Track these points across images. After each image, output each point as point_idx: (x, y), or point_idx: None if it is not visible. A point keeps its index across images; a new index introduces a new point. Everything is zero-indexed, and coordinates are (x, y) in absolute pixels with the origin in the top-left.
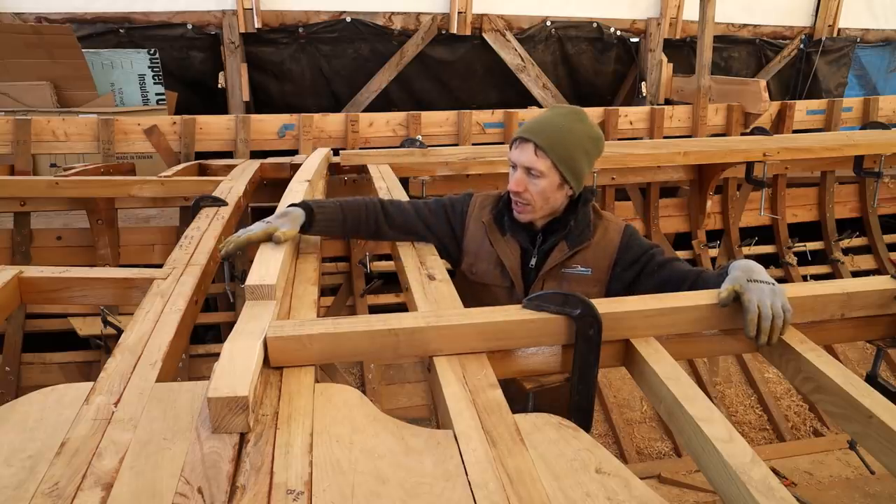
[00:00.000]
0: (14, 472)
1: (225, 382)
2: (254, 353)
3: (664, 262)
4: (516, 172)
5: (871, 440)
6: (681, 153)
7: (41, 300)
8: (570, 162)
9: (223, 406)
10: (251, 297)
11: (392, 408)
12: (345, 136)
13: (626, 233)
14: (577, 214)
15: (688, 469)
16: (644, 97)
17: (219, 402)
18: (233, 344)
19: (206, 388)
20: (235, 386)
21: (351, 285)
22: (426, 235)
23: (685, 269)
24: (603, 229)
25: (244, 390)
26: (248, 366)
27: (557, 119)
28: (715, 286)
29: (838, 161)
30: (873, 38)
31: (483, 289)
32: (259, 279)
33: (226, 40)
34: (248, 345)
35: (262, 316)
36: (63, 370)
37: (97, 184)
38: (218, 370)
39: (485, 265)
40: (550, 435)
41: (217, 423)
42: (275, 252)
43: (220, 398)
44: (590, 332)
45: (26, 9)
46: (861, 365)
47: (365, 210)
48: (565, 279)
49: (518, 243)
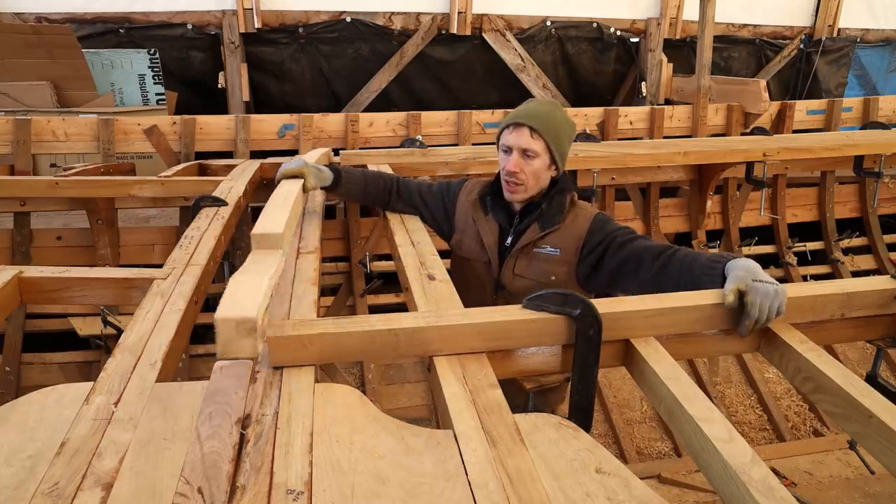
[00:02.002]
0: (14, 472)
1: (231, 306)
2: (261, 285)
3: (626, 241)
4: (512, 155)
5: (871, 440)
6: (681, 153)
7: (41, 300)
8: (559, 142)
9: (231, 328)
10: (257, 246)
11: (392, 408)
12: (345, 136)
13: (595, 219)
14: (551, 199)
15: (688, 469)
16: (644, 97)
17: (227, 322)
18: (238, 277)
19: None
20: (243, 308)
21: (351, 285)
22: (423, 211)
23: (650, 245)
24: (574, 215)
25: (252, 312)
26: (256, 294)
27: (541, 107)
28: (701, 275)
29: (838, 161)
30: (873, 38)
31: (466, 263)
32: (265, 228)
33: (226, 40)
34: (254, 279)
35: (268, 261)
36: (63, 370)
37: (97, 184)
38: (224, 299)
39: (469, 241)
40: (550, 435)
41: (224, 348)
42: (283, 204)
43: (227, 318)
44: (590, 332)
45: (26, 9)
46: (861, 365)
47: (383, 182)
48: (535, 258)
49: (497, 223)
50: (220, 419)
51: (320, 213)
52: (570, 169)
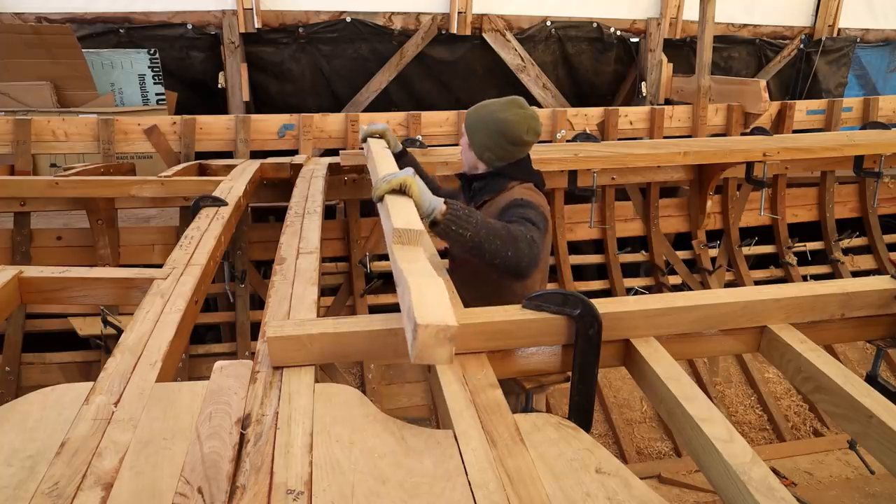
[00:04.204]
0: (14, 472)
1: (430, 312)
2: (442, 288)
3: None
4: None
5: (871, 440)
6: (681, 153)
7: (41, 300)
8: (475, 134)
9: (431, 335)
10: (398, 240)
11: (392, 408)
12: (345, 136)
13: (512, 202)
14: (486, 179)
15: (688, 469)
16: (644, 97)
17: (428, 330)
18: (418, 280)
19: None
20: (443, 316)
21: (351, 285)
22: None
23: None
24: (502, 196)
25: (452, 320)
26: (443, 299)
27: (484, 104)
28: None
29: (838, 161)
30: (873, 38)
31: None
32: (406, 223)
33: (226, 40)
34: (432, 281)
35: (419, 258)
36: (63, 370)
37: (97, 184)
38: (415, 302)
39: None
40: (550, 435)
41: (419, 352)
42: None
43: (428, 325)
44: (590, 332)
45: (26, 9)
46: (861, 365)
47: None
48: None
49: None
50: (220, 419)
51: (320, 213)
52: (570, 169)
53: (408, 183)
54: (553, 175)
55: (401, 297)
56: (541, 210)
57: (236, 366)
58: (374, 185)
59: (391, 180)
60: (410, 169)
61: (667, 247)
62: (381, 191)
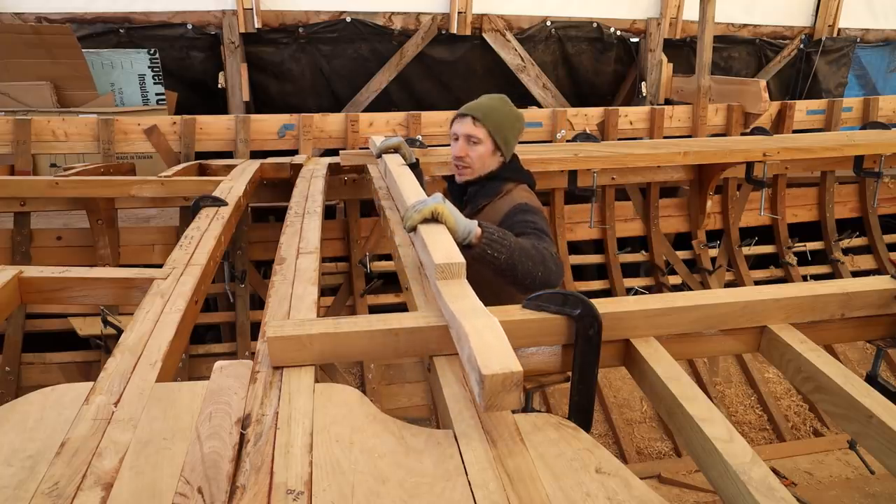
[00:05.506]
0: (14, 472)
1: (494, 360)
2: (499, 329)
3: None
4: (459, 142)
5: (871, 440)
6: (681, 153)
7: (41, 300)
8: (499, 129)
9: (498, 384)
10: (441, 275)
11: (392, 408)
12: (345, 136)
13: (515, 207)
14: (483, 184)
15: (688, 469)
16: (644, 97)
17: (494, 379)
18: (475, 322)
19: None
20: (508, 363)
21: (351, 285)
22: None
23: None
24: (503, 200)
25: (517, 366)
26: (503, 343)
27: (486, 100)
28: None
29: (838, 161)
30: (873, 38)
31: None
32: (447, 257)
33: (226, 40)
34: (488, 322)
35: (467, 294)
36: (63, 370)
37: (97, 184)
38: (476, 350)
39: None
40: (550, 435)
41: (489, 401)
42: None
43: (495, 375)
44: (590, 332)
45: (26, 9)
46: (861, 365)
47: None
48: None
49: (455, 200)
50: (220, 419)
51: (320, 213)
52: (570, 169)
53: (439, 211)
54: (553, 175)
55: (457, 341)
56: (543, 215)
57: (236, 366)
58: (404, 215)
59: (422, 209)
60: (439, 195)
61: (667, 247)
62: (414, 221)
